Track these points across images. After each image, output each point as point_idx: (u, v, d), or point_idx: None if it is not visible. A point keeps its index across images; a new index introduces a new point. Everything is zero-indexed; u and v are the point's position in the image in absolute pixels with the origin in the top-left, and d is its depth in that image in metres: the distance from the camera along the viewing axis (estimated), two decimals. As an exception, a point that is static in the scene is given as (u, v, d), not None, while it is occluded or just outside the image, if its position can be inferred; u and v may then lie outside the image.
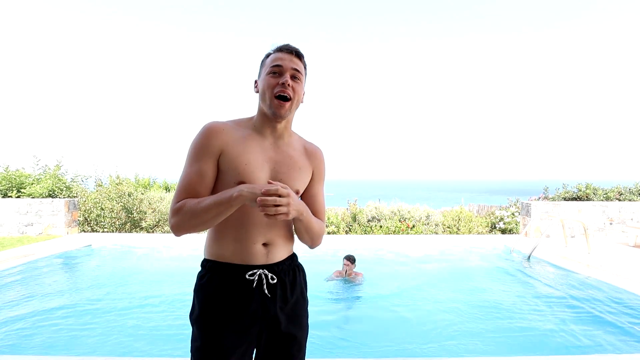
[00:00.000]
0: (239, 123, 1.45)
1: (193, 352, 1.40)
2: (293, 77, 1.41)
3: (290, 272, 1.50)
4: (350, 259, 5.45)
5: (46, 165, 9.87)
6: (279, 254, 1.46)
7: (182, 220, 1.30)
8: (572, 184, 9.91)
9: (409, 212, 10.35)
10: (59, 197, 9.23)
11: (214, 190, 1.39)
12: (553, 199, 9.65)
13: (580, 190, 9.60)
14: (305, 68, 1.48)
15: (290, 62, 1.41)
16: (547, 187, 10.04)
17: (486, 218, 10.67)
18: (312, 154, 1.55)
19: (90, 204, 9.69)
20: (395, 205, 10.61)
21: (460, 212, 10.70)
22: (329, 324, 4.11)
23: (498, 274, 6.13)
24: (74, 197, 9.66)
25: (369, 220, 10.26)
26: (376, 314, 4.49)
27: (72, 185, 9.92)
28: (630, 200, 9.45)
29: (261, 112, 1.45)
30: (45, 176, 9.52)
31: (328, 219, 10.08)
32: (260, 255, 1.41)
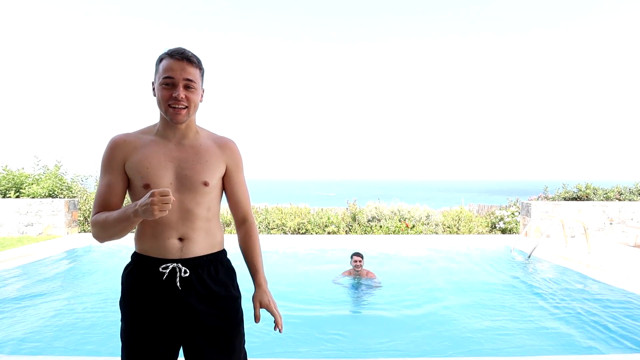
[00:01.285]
0: (144, 131, 1.55)
1: (120, 334, 1.54)
2: (186, 87, 1.45)
3: (211, 267, 1.54)
4: (361, 255, 5.42)
5: (46, 166, 9.87)
6: (197, 249, 1.51)
7: (97, 233, 1.45)
8: (572, 184, 9.91)
9: (409, 212, 10.35)
10: (59, 197, 9.23)
11: (130, 194, 1.54)
12: (553, 199, 9.65)
13: (580, 190, 9.61)
14: (200, 70, 1.50)
15: (182, 72, 1.43)
16: (547, 187, 10.04)
17: (486, 218, 10.67)
18: (223, 147, 1.60)
19: (90, 203, 9.69)
20: (395, 205, 10.61)
21: (460, 212, 10.70)
22: (333, 324, 4.11)
23: (498, 274, 6.12)
24: (74, 197, 9.66)
25: (369, 220, 10.26)
26: (375, 314, 4.49)
27: (72, 185, 9.93)
28: (630, 200, 9.45)
29: (162, 117, 1.52)
30: (46, 176, 9.53)
31: (328, 218, 10.09)
32: (174, 250, 1.48)
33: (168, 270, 1.46)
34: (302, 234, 9.78)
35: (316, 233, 9.77)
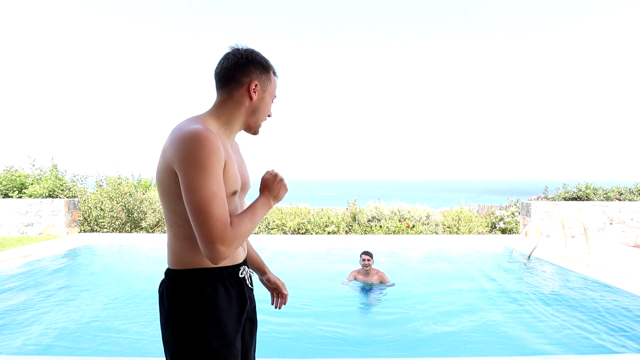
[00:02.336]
0: (208, 123, 1.31)
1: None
2: None
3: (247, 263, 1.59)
4: (370, 254, 5.31)
5: (42, 165, 9.87)
6: (243, 248, 1.52)
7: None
8: (572, 184, 9.92)
9: (409, 212, 10.35)
10: (59, 197, 9.23)
11: None
12: (553, 199, 9.65)
13: (580, 190, 9.61)
14: None
15: None
16: (547, 187, 10.04)
17: (486, 218, 10.68)
18: (238, 146, 1.57)
19: (90, 203, 9.70)
20: (395, 205, 10.61)
21: (460, 212, 10.71)
22: (333, 324, 4.11)
23: (498, 274, 6.13)
24: (74, 197, 9.67)
25: (369, 220, 10.26)
26: (374, 313, 4.49)
27: (72, 185, 9.94)
28: (630, 200, 9.45)
29: (240, 120, 1.41)
30: (45, 176, 9.53)
31: (328, 218, 10.09)
32: (241, 253, 1.45)
33: (245, 274, 1.44)
34: (302, 234, 9.78)
35: (316, 233, 9.77)
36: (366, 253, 5.33)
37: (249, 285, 1.45)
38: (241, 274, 1.41)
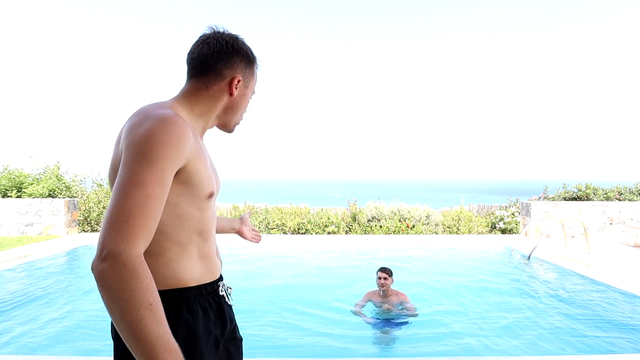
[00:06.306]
0: (179, 111, 1.11)
1: None
2: None
3: None
4: (388, 271, 4.32)
5: (47, 166, 9.87)
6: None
7: (118, 288, 0.89)
8: (572, 184, 9.93)
9: (409, 212, 10.35)
10: (59, 197, 9.23)
11: (182, 208, 1.07)
12: (553, 199, 9.65)
13: (580, 190, 9.61)
14: None
15: None
16: (547, 187, 10.05)
17: (486, 218, 10.68)
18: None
19: (90, 203, 9.70)
20: (395, 205, 10.61)
21: (460, 212, 10.70)
22: (330, 323, 4.11)
23: (498, 274, 6.12)
24: (74, 197, 9.66)
25: (369, 220, 10.26)
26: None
27: (72, 185, 9.93)
28: (630, 200, 9.45)
29: (214, 115, 1.21)
30: (45, 176, 9.53)
31: (328, 218, 10.09)
32: (219, 265, 1.27)
33: (225, 291, 1.25)
34: (302, 234, 9.78)
35: (316, 233, 9.77)
36: (383, 270, 4.32)
37: (228, 302, 1.26)
38: (221, 291, 1.22)
